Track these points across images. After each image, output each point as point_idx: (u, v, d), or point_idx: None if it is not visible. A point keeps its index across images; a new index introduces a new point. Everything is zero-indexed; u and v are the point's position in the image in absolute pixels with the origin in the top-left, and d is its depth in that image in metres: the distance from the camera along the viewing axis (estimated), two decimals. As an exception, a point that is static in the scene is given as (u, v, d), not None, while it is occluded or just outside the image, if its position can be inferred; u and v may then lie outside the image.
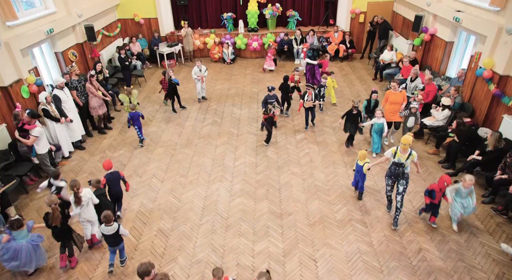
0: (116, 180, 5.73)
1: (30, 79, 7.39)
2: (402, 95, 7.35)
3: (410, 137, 5.20)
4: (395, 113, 7.37)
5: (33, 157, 6.51)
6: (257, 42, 12.66)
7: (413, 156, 5.30)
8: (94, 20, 10.43)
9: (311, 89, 8.20)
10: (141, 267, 3.87)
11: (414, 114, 7.07)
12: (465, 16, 8.00)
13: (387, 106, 7.41)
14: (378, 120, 7.04)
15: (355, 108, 7.21)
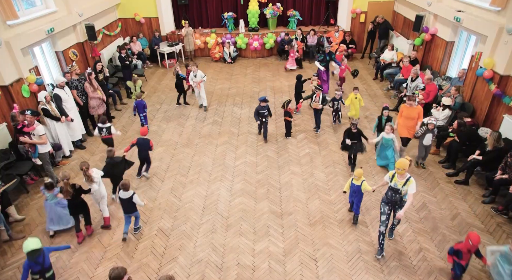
0: (145, 146, 6.58)
1: (31, 79, 7.39)
2: (418, 111, 6.77)
3: (406, 161, 4.72)
4: (409, 129, 6.85)
5: (35, 158, 6.45)
6: (258, 42, 12.66)
7: (410, 182, 4.76)
8: (95, 20, 10.43)
9: (319, 91, 8.04)
10: (113, 272, 3.72)
11: (432, 131, 6.56)
12: (466, 16, 8.00)
13: (401, 120, 6.94)
14: (386, 136, 6.57)
15: (353, 126, 6.68)
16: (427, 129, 6.59)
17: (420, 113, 6.78)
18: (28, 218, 6.10)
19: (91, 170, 5.47)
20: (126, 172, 6.49)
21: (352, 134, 6.75)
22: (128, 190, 5.26)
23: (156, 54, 12.46)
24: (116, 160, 6.07)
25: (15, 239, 5.62)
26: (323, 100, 8.09)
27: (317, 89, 8.10)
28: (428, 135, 6.61)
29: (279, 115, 9.18)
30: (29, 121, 6.32)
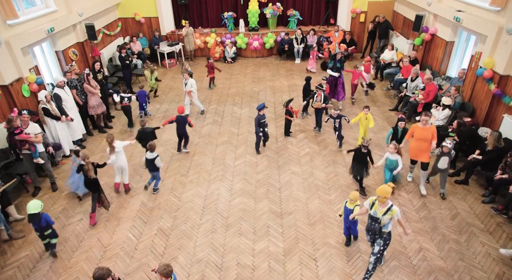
0: (183, 122, 7.28)
1: (31, 78, 7.39)
2: (431, 131, 6.05)
3: (388, 188, 4.27)
4: (423, 152, 6.15)
5: (37, 158, 6.44)
6: (258, 42, 12.66)
7: (393, 212, 4.31)
8: (95, 19, 10.42)
9: (321, 91, 7.97)
10: (97, 272, 3.70)
11: (448, 154, 5.92)
12: (466, 16, 8.00)
13: (412, 143, 6.24)
14: (391, 156, 6.04)
15: (364, 147, 6.05)
16: (441, 153, 5.94)
17: (434, 133, 6.07)
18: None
19: (115, 142, 6.21)
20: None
21: (360, 155, 6.15)
22: (153, 152, 6.17)
23: (156, 54, 12.46)
24: (147, 130, 6.93)
25: (15, 239, 5.62)
26: (325, 99, 7.99)
27: (318, 88, 8.02)
28: (444, 158, 5.94)
29: (279, 115, 9.18)
30: (25, 121, 6.24)
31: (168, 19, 12.90)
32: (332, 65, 8.99)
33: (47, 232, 5.12)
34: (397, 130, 6.60)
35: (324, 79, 8.78)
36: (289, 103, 7.83)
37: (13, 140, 6.10)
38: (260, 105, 7.29)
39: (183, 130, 7.40)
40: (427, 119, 6.03)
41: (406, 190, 6.54)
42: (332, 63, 9.01)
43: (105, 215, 6.11)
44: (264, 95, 10.32)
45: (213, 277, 4.97)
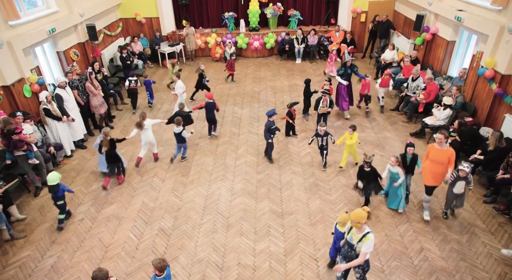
0: (212, 108, 7.89)
1: (32, 79, 7.41)
2: (448, 154, 5.40)
3: (362, 212, 3.89)
4: (436, 176, 5.54)
5: (32, 159, 6.41)
6: (258, 42, 12.66)
7: (366, 239, 3.90)
8: (96, 20, 10.44)
9: (327, 96, 7.76)
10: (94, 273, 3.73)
11: (465, 178, 5.35)
12: (467, 15, 7.98)
13: (427, 164, 5.65)
14: (392, 169, 5.71)
15: (366, 164, 5.63)
16: (457, 177, 5.39)
17: (451, 157, 5.42)
18: (30, 217, 6.11)
19: (146, 120, 6.96)
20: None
21: (365, 174, 5.69)
22: (179, 126, 7.01)
23: (157, 54, 12.47)
24: (182, 113, 7.60)
25: (17, 239, 5.64)
26: (330, 103, 7.83)
27: (324, 93, 7.80)
28: (460, 182, 5.39)
29: (280, 115, 9.17)
30: (19, 122, 6.21)
31: (169, 20, 12.91)
32: (342, 72, 8.59)
33: (60, 202, 5.70)
34: (406, 157, 5.88)
35: (327, 80, 8.68)
36: (293, 106, 7.81)
37: (11, 141, 5.99)
38: (271, 112, 7.06)
39: (212, 115, 8.00)
40: (441, 138, 5.37)
41: (407, 190, 6.53)
42: (342, 70, 8.60)
43: (105, 215, 6.12)
44: (265, 95, 10.32)
45: (214, 277, 4.97)
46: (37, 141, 6.78)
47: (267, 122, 7.09)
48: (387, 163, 7.20)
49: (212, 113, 8.02)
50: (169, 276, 4.11)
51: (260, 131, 8.49)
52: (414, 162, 5.88)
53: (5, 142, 6.00)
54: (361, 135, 8.20)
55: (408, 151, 5.84)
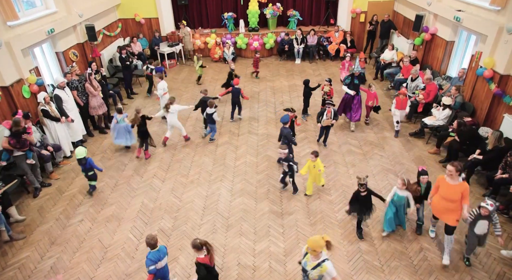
0: (237, 93, 8.54)
1: (31, 79, 7.40)
2: (461, 190, 4.68)
3: (321, 241, 3.65)
4: (449, 213, 4.83)
5: (30, 159, 6.41)
6: (258, 42, 12.67)
7: (322, 269, 3.67)
8: (95, 20, 10.44)
9: (331, 107, 7.33)
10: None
11: (488, 217, 4.63)
12: (466, 15, 8.00)
13: (436, 199, 4.95)
14: (400, 192, 5.16)
15: (362, 187, 5.10)
16: (478, 215, 4.68)
17: (464, 193, 4.69)
18: (29, 218, 6.10)
19: (174, 104, 7.53)
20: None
21: (362, 198, 5.21)
22: (212, 108, 7.62)
23: (156, 55, 12.47)
24: (205, 99, 7.97)
25: (16, 240, 5.63)
26: (335, 115, 7.40)
27: (328, 104, 7.38)
28: (482, 222, 4.67)
29: (279, 115, 9.18)
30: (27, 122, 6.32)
31: (168, 20, 12.91)
32: (349, 82, 8.07)
33: (90, 173, 6.37)
34: (420, 186, 5.35)
35: (327, 80, 8.67)
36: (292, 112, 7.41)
37: (20, 140, 6.08)
38: (286, 118, 6.78)
39: (237, 99, 8.62)
40: (452, 170, 4.65)
41: (406, 190, 6.53)
42: (349, 79, 8.08)
43: (105, 216, 6.11)
44: (264, 95, 10.32)
45: None
46: (36, 141, 6.77)
47: (284, 130, 6.67)
48: (387, 163, 7.27)
49: (237, 98, 8.61)
50: (164, 251, 4.31)
51: (260, 132, 8.49)
52: (428, 191, 5.28)
53: (13, 141, 6.05)
54: (361, 135, 8.21)
55: (422, 180, 5.24)
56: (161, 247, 4.30)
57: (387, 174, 6.94)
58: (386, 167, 7.15)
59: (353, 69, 7.98)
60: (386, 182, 6.73)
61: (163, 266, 4.28)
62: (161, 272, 4.30)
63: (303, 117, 9.00)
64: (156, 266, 4.20)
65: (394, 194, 5.24)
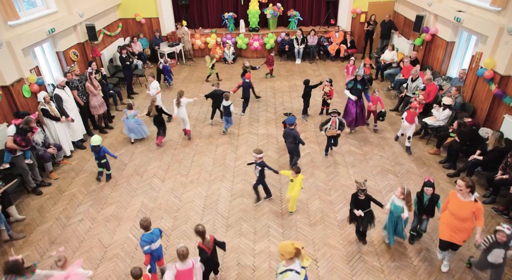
0: (248, 87, 8.86)
1: (32, 79, 7.41)
2: (474, 210, 4.34)
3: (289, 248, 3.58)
4: (457, 233, 4.50)
5: (28, 159, 6.41)
6: (258, 42, 12.67)
7: (284, 277, 3.60)
8: (95, 20, 10.44)
9: (336, 117, 6.95)
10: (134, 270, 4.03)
11: (505, 245, 4.18)
12: (466, 16, 8.00)
13: (446, 217, 4.61)
14: (397, 201, 4.96)
15: (362, 192, 4.92)
16: (494, 242, 4.22)
17: (477, 213, 4.34)
18: (29, 218, 6.11)
19: (183, 98, 7.78)
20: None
21: (360, 203, 5.02)
22: (227, 101, 7.93)
23: (157, 55, 12.47)
24: (218, 91, 8.27)
25: (16, 239, 5.63)
26: (340, 124, 7.03)
27: (333, 114, 6.99)
28: (497, 251, 4.20)
29: (279, 115, 9.19)
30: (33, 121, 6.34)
31: (169, 20, 12.91)
32: (351, 86, 7.82)
33: (103, 161, 6.69)
34: (422, 198, 5.01)
35: (328, 81, 8.66)
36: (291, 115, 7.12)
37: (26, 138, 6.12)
38: (293, 119, 6.61)
39: (247, 94, 8.91)
40: (462, 185, 4.31)
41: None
42: (352, 83, 7.82)
43: (104, 216, 6.12)
44: (264, 95, 10.32)
45: (213, 277, 4.97)
46: (38, 142, 6.77)
47: (291, 131, 6.52)
48: (387, 163, 7.27)
49: (247, 92, 8.88)
50: (157, 233, 4.52)
51: (260, 132, 8.49)
52: (433, 204, 4.98)
53: (19, 138, 6.09)
54: (361, 135, 8.21)
55: (426, 191, 4.91)
56: (155, 229, 4.52)
57: (387, 174, 6.94)
58: (386, 167, 7.15)
59: (357, 73, 7.80)
60: (386, 182, 6.73)
61: (157, 247, 4.53)
62: (156, 252, 4.56)
63: (303, 117, 8.99)
64: (151, 246, 4.43)
65: (392, 202, 5.03)
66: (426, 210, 5.05)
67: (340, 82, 10.88)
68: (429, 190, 4.91)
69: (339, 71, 11.83)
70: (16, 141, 6.08)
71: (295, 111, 9.34)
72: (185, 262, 3.99)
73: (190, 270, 4.03)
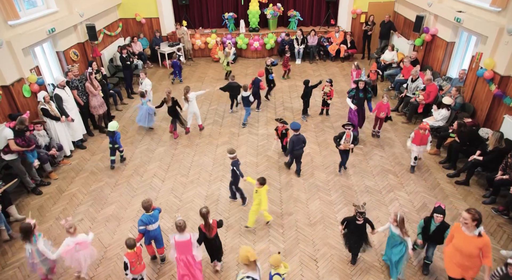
0: (257, 84, 8.92)
1: (32, 79, 7.41)
2: (480, 244, 3.98)
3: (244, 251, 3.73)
4: (464, 269, 4.15)
5: (36, 160, 6.45)
6: (258, 42, 12.67)
7: None
8: (96, 20, 10.44)
9: (349, 129, 6.40)
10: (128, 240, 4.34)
11: None
12: (466, 16, 8.00)
13: (450, 252, 4.25)
14: (392, 228, 4.59)
15: (360, 216, 4.57)
16: (505, 275, 3.94)
17: (484, 249, 3.98)
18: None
19: (190, 93, 8.00)
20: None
21: (356, 228, 4.69)
22: (247, 91, 8.40)
23: (157, 55, 12.48)
24: (233, 84, 8.78)
25: (16, 239, 5.63)
26: (354, 139, 6.48)
27: (347, 127, 6.46)
28: None
29: (279, 115, 9.18)
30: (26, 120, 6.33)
31: (169, 20, 12.91)
32: (354, 94, 7.45)
33: (116, 145, 7.10)
34: (430, 224, 4.57)
35: (328, 81, 8.63)
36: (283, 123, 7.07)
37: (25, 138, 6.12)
38: (297, 125, 6.52)
39: (257, 89, 8.96)
40: (467, 218, 3.97)
41: (406, 190, 6.54)
42: (353, 91, 7.45)
43: (105, 216, 6.11)
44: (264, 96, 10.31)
45: (213, 277, 4.97)
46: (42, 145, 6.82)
47: (302, 137, 6.52)
48: (387, 163, 7.28)
49: (257, 89, 8.98)
50: (156, 216, 4.76)
51: (260, 132, 8.50)
52: (439, 232, 4.52)
53: (19, 140, 6.09)
54: (361, 136, 8.20)
55: (435, 218, 4.47)
56: (155, 211, 4.76)
57: (387, 174, 6.94)
58: (386, 167, 7.15)
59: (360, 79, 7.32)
60: (386, 182, 6.73)
61: (154, 228, 4.81)
62: (154, 234, 4.85)
63: (303, 118, 8.99)
64: (147, 227, 4.71)
65: (388, 228, 4.66)
66: (431, 237, 4.60)
67: (341, 83, 10.89)
68: (439, 217, 4.44)
69: (339, 71, 11.83)
70: (17, 142, 6.08)
71: (295, 111, 9.35)
72: (183, 235, 4.37)
73: (188, 242, 4.38)
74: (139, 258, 4.39)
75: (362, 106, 7.64)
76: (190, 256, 4.42)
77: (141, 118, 8.38)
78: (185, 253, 4.40)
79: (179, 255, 4.41)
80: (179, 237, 4.37)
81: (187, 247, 4.39)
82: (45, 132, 6.98)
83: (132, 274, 4.39)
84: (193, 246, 4.43)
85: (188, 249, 4.40)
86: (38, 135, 6.75)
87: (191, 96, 8.01)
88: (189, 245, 4.39)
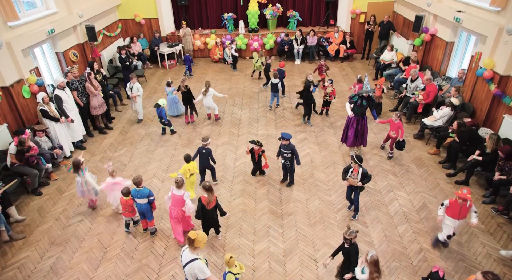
0: (281, 74, 9.32)
1: (31, 79, 7.41)
2: None
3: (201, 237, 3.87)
4: None
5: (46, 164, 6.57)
6: (258, 43, 12.68)
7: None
8: (95, 21, 10.45)
9: (357, 164, 5.41)
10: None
11: None
12: (466, 16, 8.01)
13: None
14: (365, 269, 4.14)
15: (347, 241, 4.26)
16: None
17: None
18: (29, 218, 6.10)
19: (210, 88, 8.49)
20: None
21: (344, 252, 4.41)
22: (276, 79, 8.97)
23: (156, 55, 12.48)
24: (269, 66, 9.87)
25: (16, 240, 5.63)
26: (364, 176, 5.47)
27: (352, 160, 5.45)
28: None
29: (279, 116, 9.20)
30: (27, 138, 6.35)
31: (168, 20, 12.92)
32: (355, 101, 6.74)
33: (162, 120, 8.13)
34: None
35: (330, 81, 8.59)
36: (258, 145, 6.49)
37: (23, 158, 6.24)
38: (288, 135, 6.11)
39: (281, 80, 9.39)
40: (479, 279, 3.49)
41: (406, 190, 6.54)
42: (356, 98, 6.73)
43: (104, 216, 6.11)
44: (264, 96, 10.33)
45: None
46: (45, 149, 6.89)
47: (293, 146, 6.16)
48: (387, 163, 7.28)
49: (281, 80, 9.29)
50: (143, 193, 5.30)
51: (260, 132, 8.50)
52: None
53: (18, 158, 6.23)
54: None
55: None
56: (145, 189, 5.35)
57: (387, 174, 6.95)
58: (386, 167, 7.15)
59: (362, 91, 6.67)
60: (386, 182, 6.73)
61: (141, 204, 5.37)
62: (140, 208, 5.42)
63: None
64: (136, 200, 5.36)
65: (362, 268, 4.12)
66: None
67: (340, 83, 10.89)
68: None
69: (339, 71, 11.84)
70: (17, 158, 6.24)
71: (295, 111, 9.35)
72: (179, 190, 5.13)
73: (181, 197, 5.11)
74: (128, 207, 5.46)
75: (363, 117, 6.88)
76: (180, 209, 5.18)
77: (170, 107, 8.96)
78: (176, 206, 5.17)
79: (173, 206, 5.19)
80: (176, 191, 5.15)
81: (179, 201, 5.13)
82: (47, 138, 7.01)
83: (125, 217, 5.61)
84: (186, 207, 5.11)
85: (180, 203, 5.15)
86: (40, 141, 6.82)
87: (210, 91, 8.45)
88: (181, 199, 5.12)
